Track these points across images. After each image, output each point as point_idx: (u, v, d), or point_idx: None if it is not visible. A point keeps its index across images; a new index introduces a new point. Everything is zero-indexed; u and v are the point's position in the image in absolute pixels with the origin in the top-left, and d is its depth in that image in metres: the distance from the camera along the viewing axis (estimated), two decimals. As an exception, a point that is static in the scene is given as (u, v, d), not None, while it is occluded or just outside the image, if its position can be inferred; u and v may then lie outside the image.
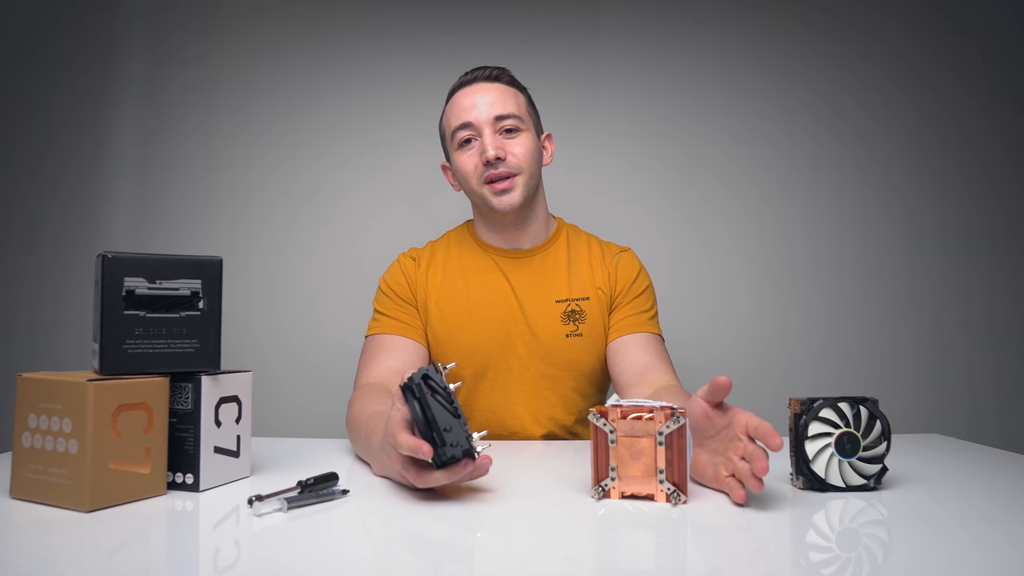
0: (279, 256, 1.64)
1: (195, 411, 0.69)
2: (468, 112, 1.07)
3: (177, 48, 1.66)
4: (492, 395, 1.10)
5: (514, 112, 1.07)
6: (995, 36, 1.64)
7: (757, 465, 0.63)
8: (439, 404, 0.64)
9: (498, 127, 1.07)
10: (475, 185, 1.08)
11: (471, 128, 1.07)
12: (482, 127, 1.06)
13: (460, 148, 1.09)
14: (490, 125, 1.06)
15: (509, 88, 1.10)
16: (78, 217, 1.64)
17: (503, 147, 1.06)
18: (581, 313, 1.10)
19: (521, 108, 1.09)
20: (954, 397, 1.60)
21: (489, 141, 1.05)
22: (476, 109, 1.07)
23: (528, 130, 1.09)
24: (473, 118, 1.06)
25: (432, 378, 0.65)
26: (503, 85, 1.09)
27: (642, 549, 0.53)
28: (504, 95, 1.08)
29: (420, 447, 0.62)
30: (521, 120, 1.08)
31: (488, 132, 1.06)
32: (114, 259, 0.66)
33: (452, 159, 1.12)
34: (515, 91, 1.10)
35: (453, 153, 1.11)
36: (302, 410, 1.60)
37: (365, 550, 0.53)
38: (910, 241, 1.63)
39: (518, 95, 1.11)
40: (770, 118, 1.64)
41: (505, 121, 1.07)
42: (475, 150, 1.07)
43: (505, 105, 1.07)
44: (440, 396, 0.64)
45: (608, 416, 0.67)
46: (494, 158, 1.04)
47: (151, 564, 0.49)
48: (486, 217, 1.13)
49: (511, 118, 1.07)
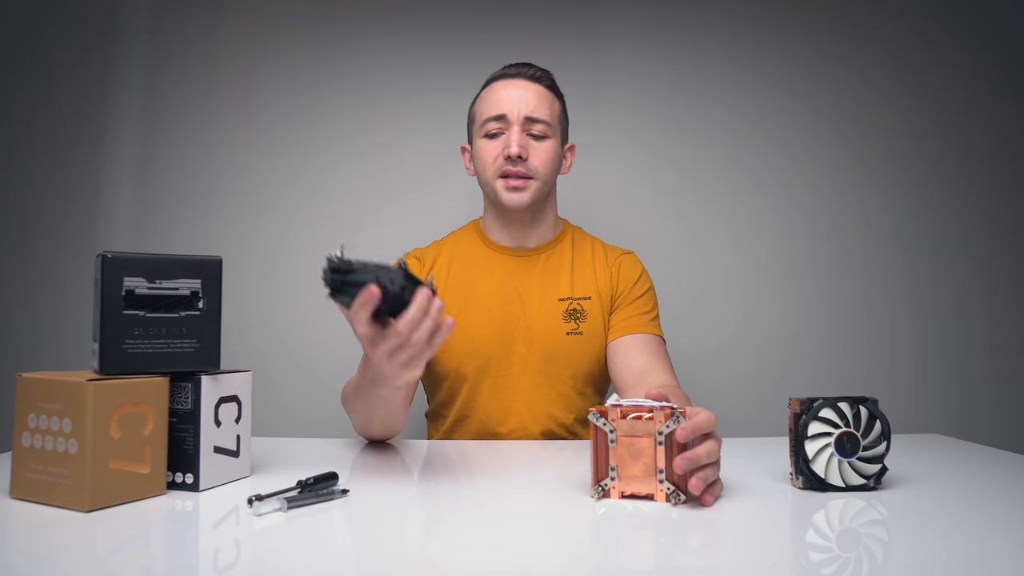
0: (278, 256, 1.63)
1: (195, 411, 0.69)
2: (503, 104, 1.08)
3: (177, 48, 1.66)
4: (493, 392, 1.10)
5: (546, 118, 1.09)
6: (996, 32, 1.64)
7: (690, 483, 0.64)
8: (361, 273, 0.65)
9: (527, 128, 1.08)
10: (490, 176, 1.10)
11: (503, 121, 1.09)
12: (512, 123, 1.08)
13: (486, 137, 1.11)
14: (520, 123, 1.08)
15: (548, 93, 1.12)
16: (78, 217, 1.64)
17: (527, 147, 1.07)
18: (582, 312, 1.11)
19: (554, 115, 1.11)
20: (954, 397, 1.60)
21: (515, 138, 1.07)
22: (512, 103, 1.08)
23: (554, 137, 1.11)
24: (507, 111, 1.08)
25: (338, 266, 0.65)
26: (543, 88, 1.11)
27: (642, 549, 0.53)
28: (541, 98, 1.10)
29: (370, 291, 0.63)
30: (550, 127, 1.10)
31: (516, 129, 1.07)
32: (114, 259, 0.66)
33: (475, 144, 1.14)
34: (552, 96, 1.12)
35: (478, 139, 1.12)
36: (301, 410, 1.60)
37: (365, 550, 0.53)
38: (911, 241, 1.63)
39: (554, 101, 1.12)
40: (770, 117, 1.64)
41: (536, 125, 1.09)
42: (500, 142, 1.09)
43: (540, 108, 1.09)
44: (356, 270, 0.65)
45: (608, 416, 0.67)
46: (516, 155, 1.06)
47: (151, 564, 0.49)
48: (495, 211, 1.15)
49: (542, 123, 1.09)
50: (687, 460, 0.63)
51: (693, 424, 0.64)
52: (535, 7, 1.65)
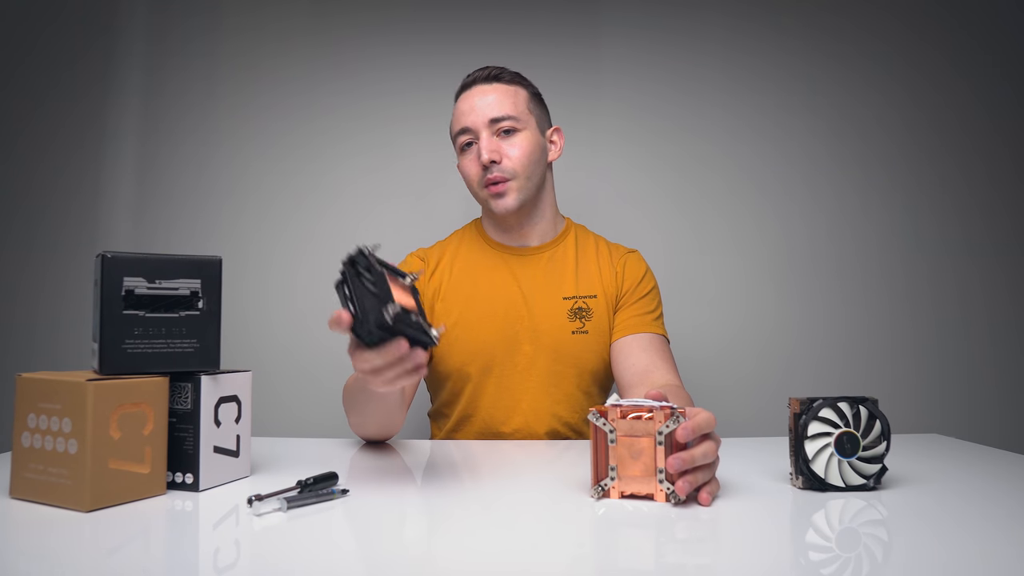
0: (278, 256, 1.64)
1: (195, 411, 0.69)
2: (466, 116, 1.08)
3: (176, 47, 1.66)
4: (498, 392, 1.10)
5: (510, 113, 1.08)
6: (996, 32, 1.64)
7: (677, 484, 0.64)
8: (364, 286, 0.62)
9: (495, 129, 1.07)
10: (476, 189, 1.11)
11: (470, 132, 1.09)
12: (479, 131, 1.07)
13: (462, 152, 1.11)
14: (487, 128, 1.07)
15: (508, 87, 1.10)
16: (77, 216, 1.64)
17: (498, 150, 1.07)
18: (588, 311, 1.11)
19: (520, 107, 1.09)
20: (954, 397, 1.60)
21: (484, 145, 1.06)
22: (473, 113, 1.08)
23: (527, 128, 1.09)
24: (470, 122, 1.08)
25: (358, 261, 0.63)
26: (502, 84, 1.10)
27: (642, 549, 0.53)
28: (502, 95, 1.08)
29: (339, 316, 0.61)
30: (518, 120, 1.08)
31: (485, 135, 1.07)
32: (113, 259, 0.66)
33: (458, 162, 1.14)
34: (515, 88, 1.11)
35: (458, 156, 1.13)
36: (301, 410, 1.60)
37: (365, 550, 0.53)
38: (911, 240, 1.62)
39: (518, 92, 1.11)
40: (770, 116, 1.64)
41: (501, 123, 1.07)
42: (473, 153, 1.09)
43: (502, 106, 1.08)
44: (367, 279, 0.62)
45: (608, 416, 0.67)
46: (488, 162, 1.06)
47: (151, 564, 0.49)
48: (492, 217, 1.15)
49: (507, 119, 1.07)
50: (680, 460, 0.63)
51: (693, 424, 0.64)
52: (534, 7, 1.65)
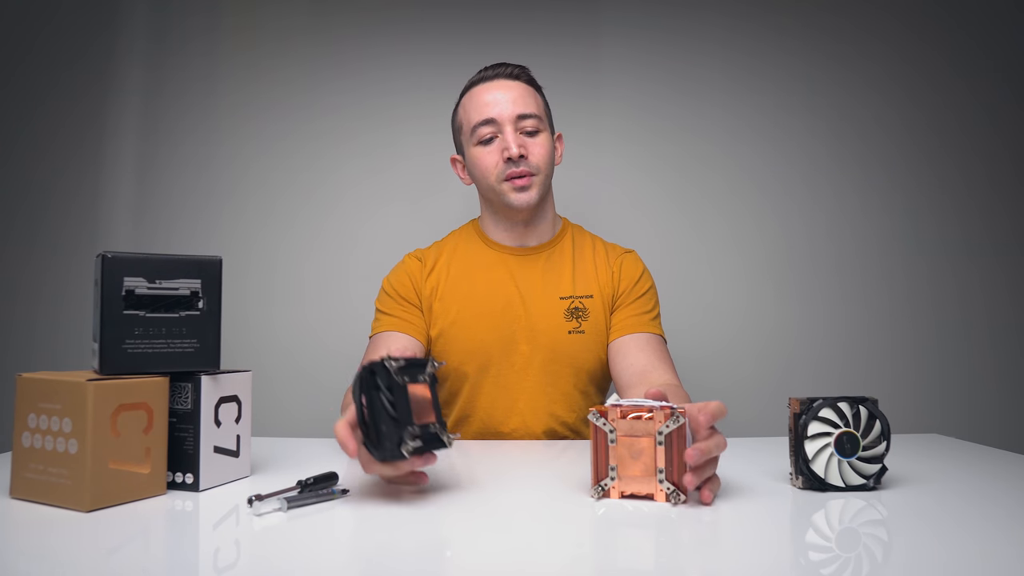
0: (278, 255, 1.64)
1: (195, 411, 0.69)
2: (491, 108, 1.07)
3: (176, 47, 1.66)
4: (495, 391, 1.10)
5: (535, 112, 1.09)
6: (996, 32, 1.64)
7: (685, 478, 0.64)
8: (382, 404, 0.63)
9: (520, 126, 1.07)
10: (493, 181, 1.08)
11: (494, 125, 1.07)
12: (504, 124, 1.07)
13: (480, 144, 1.09)
14: (512, 123, 1.07)
15: (529, 87, 1.11)
16: (77, 216, 1.64)
17: (525, 146, 1.07)
18: (585, 311, 1.11)
19: (540, 108, 1.11)
20: (954, 397, 1.60)
21: (512, 139, 1.06)
22: (499, 106, 1.07)
23: (546, 130, 1.11)
24: (496, 114, 1.07)
25: (379, 374, 0.64)
26: (523, 84, 1.10)
27: (642, 549, 0.53)
28: (525, 94, 1.09)
29: (345, 444, 0.64)
30: (540, 120, 1.09)
31: (510, 130, 1.07)
32: (114, 259, 0.66)
33: (468, 154, 1.12)
34: (534, 91, 1.12)
35: (471, 148, 1.11)
36: (301, 410, 1.60)
37: (365, 550, 0.53)
38: (910, 241, 1.63)
39: (536, 95, 1.12)
40: (770, 116, 1.64)
41: (527, 121, 1.08)
42: (496, 146, 1.08)
43: (527, 104, 1.08)
44: (385, 394, 0.63)
45: (608, 416, 0.67)
46: (518, 156, 1.05)
47: (151, 564, 0.49)
48: (496, 213, 1.14)
49: (532, 118, 1.08)
50: (699, 452, 0.62)
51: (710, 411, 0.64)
52: (535, 7, 1.65)
